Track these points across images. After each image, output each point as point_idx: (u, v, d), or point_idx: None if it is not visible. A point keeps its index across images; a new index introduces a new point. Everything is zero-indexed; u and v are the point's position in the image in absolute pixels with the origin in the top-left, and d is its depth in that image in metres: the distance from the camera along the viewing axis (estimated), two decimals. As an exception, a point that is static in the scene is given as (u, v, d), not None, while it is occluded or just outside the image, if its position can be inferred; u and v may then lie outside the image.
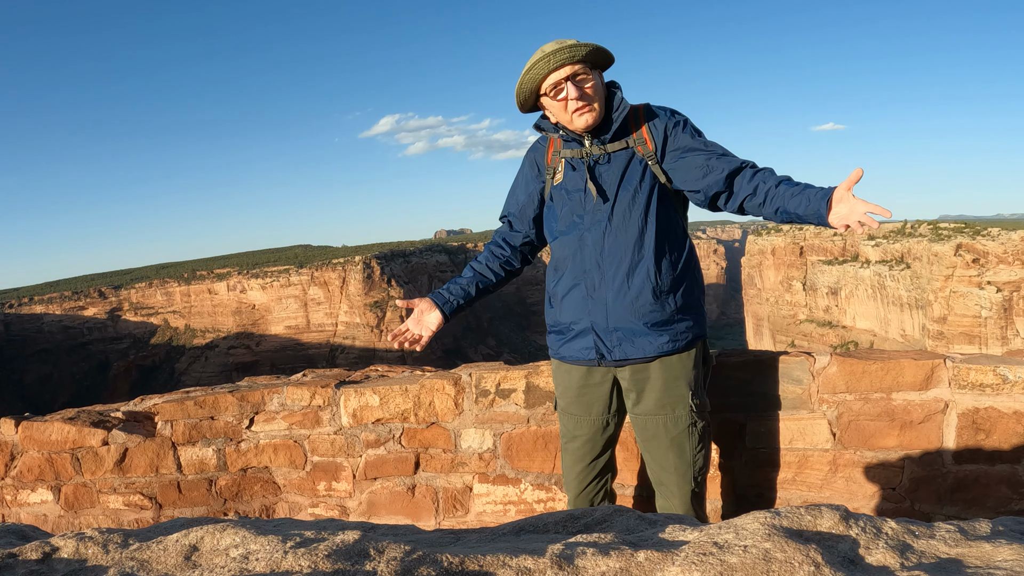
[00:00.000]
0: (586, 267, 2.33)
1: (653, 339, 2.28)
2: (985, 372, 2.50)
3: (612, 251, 2.29)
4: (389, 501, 3.21)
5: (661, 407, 2.32)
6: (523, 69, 2.27)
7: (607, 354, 2.33)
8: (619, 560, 1.08)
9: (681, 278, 2.32)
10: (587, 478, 2.49)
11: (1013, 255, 58.30)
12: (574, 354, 2.41)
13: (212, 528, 1.24)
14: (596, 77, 2.27)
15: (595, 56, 2.25)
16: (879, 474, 2.65)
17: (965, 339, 57.91)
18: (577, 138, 2.33)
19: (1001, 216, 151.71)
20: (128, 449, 3.37)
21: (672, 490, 2.39)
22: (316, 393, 3.25)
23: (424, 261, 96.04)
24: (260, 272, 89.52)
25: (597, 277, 2.31)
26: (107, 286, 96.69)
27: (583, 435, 2.45)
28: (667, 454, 2.35)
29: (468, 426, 3.08)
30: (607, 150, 2.32)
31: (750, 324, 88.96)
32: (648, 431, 2.36)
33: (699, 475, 2.38)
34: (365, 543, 1.16)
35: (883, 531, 1.16)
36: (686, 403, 2.32)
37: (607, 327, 2.31)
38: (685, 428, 2.32)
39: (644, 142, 2.32)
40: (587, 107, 2.25)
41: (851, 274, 73.59)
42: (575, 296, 2.37)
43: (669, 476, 2.38)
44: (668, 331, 2.29)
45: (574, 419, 2.46)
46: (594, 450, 2.46)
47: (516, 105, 2.36)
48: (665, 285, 2.29)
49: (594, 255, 2.31)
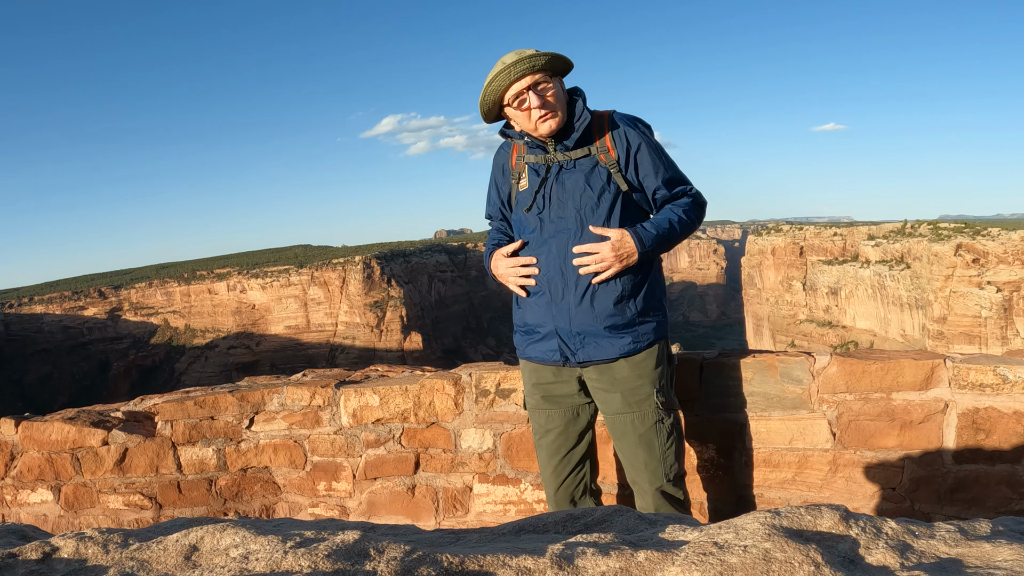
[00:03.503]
0: (550, 274, 2.39)
1: (615, 341, 2.35)
2: (985, 372, 2.49)
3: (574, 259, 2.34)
4: (389, 501, 3.21)
5: (627, 405, 2.38)
6: (485, 81, 2.32)
7: (571, 356, 2.40)
8: (619, 560, 1.08)
9: (642, 282, 2.38)
10: (564, 471, 2.51)
11: (1013, 255, 58.31)
12: (540, 355, 2.47)
13: (212, 528, 1.24)
14: (557, 84, 2.33)
15: (554, 64, 2.31)
16: (879, 474, 2.65)
17: (965, 339, 57.91)
18: (541, 144, 2.39)
19: (1001, 216, 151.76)
20: (128, 449, 3.37)
21: (644, 487, 2.43)
22: (316, 393, 3.25)
23: (424, 261, 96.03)
24: (260, 272, 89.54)
25: (560, 284, 2.38)
26: (107, 286, 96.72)
27: (556, 428, 2.50)
28: (636, 451, 2.41)
29: (468, 426, 3.08)
30: (570, 156, 2.37)
31: (750, 324, 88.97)
32: (617, 430, 2.43)
33: (670, 472, 2.41)
34: (365, 543, 1.16)
35: (883, 531, 1.16)
36: (651, 400, 2.37)
37: (570, 331, 2.38)
38: (652, 425, 2.37)
39: (607, 150, 2.37)
40: (550, 114, 2.30)
41: (851, 274, 73.60)
42: (540, 301, 2.43)
43: (640, 474, 2.43)
44: (630, 333, 2.35)
45: (544, 414, 2.51)
46: (568, 442, 2.49)
47: (480, 116, 2.41)
48: (627, 291, 2.34)
49: (557, 262, 2.37)
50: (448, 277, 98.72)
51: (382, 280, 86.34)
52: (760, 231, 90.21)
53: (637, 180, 2.39)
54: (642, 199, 2.43)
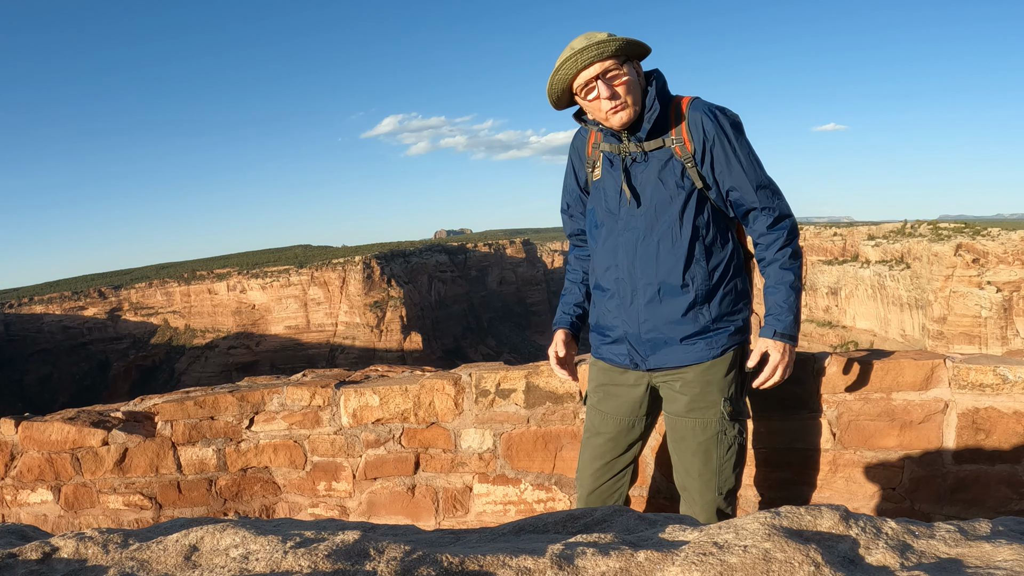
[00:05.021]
0: (620, 275, 2.28)
1: (687, 349, 2.23)
2: (985, 372, 2.49)
3: (645, 260, 2.23)
4: (389, 501, 3.21)
5: (691, 410, 2.26)
6: (553, 68, 2.18)
7: (641, 363, 2.31)
8: (619, 560, 1.08)
9: (717, 287, 2.24)
10: (603, 477, 2.42)
11: (1013, 255, 58.30)
12: (611, 356, 2.38)
13: (212, 528, 1.24)
14: (631, 71, 2.17)
15: (628, 50, 2.15)
16: (879, 474, 2.65)
17: (965, 339, 57.90)
18: (615, 132, 2.24)
19: (1001, 216, 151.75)
20: (128, 449, 3.37)
21: (694, 496, 2.31)
22: (316, 393, 3.25)
23: (424, 261, 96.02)
24: (260, 272, 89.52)
25: (630, 287, 2.27)
26: (107, 286, 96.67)
27: (607, 432, 2.40)
28: (693, 459, 2.28)
29: (468, 426, 3.08)
30: (644, 148, 2.23)
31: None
32: (677, 432, 2.32)
33: (724, 486, 2.28)
34: (365, 543, 1.16)
35: (883, 531, 1.16)
36: (717, 409, 2.24)
37: (640, 338, 2.28)
38: (713, 435, 2.25)
39: (683, 142, 2.21)
40: (620, 106, 2.15)
41: (851, 274, 73.58)
42: (610, 304, 2.34)
43: (693, 482, 2.30)
44: (703, 340, 2.23)
45: (601, 415, 2.42)
46: (616, 449, 2.40)
47: (550, 104, 2.27)
48: (700, 296, 2.21)
49: (628, 262, 2.26)
50: (448, 277, 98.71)
51: (382, 280, 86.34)
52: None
53: (712, 176, 2.21)
54: (718, 198, 2.25)
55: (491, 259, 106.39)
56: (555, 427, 2.97)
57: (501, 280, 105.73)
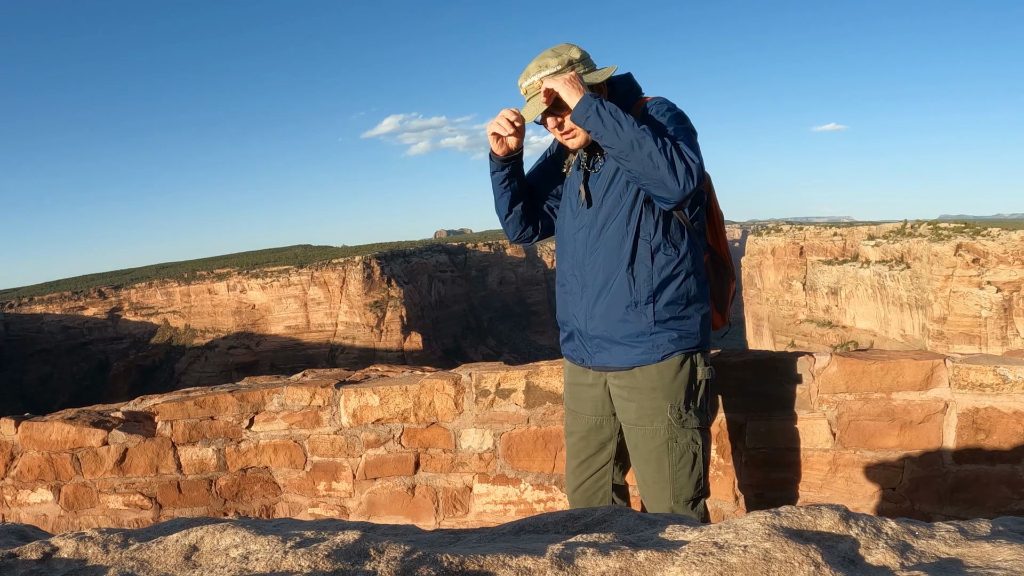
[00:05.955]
0: (574, 271, 2.35)
1: (628, 350, 2.24)
2: (985, 372, 2.49)
3: (593, 259, 2.29)
4: (389, 501, 3.21)
5: (640, 418, 2.26)
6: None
7: (587, 359, 2.35)
8: (619, 560, 1.08)
9: (662, 289, 2.22)
10: (582, 475, 2.47)
11: (1013, 255, 58.32)
12: (568, 353, 2.46)
13: (212, 528, 1.24)
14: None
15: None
16: (879, 474, 2.65)
17: (965, 339, 57.91)
18: None
19: (1001, 216, 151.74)
20: (128, 449, 3.37)
21: (651, 505, 2.32)
22: (316, 393, 3.25)
23: (424, 261, 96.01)
24: (260, 272, 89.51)
25: (579, 284, 2.33)
26: (107, 286, 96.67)
27: (579, 431, 2.46)
28: (646, 467, 2.29)
29: (468, 426, 3.08)
30: (601, 154, 2.30)
31: (750, 324, 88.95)
32: (630, 441, 2.34)
33: (680, 494, 2.26)
34: (365, 543, 1.16)
35: (883, 531, 1.16)
36: (663, 416, 2.23)
37: (587, 335, 2.32)
38: (663, 442, 2.24)
39: None
40: (570, 135, 2.24)
41: (851, 274, 73.60)
42: (567, 299, 2.40)
43: (648, 489, 2.32)
44: (644, 343, 2.22)
45: (572, 414, 2.49)
46: (588, 448, 2.44)
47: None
48: (642, 297, 2.21)
49: (579, 260, 2.32)
50: (448, 277, 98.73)
51: (382, 280, 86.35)
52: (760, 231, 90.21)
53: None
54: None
55: (491, 259, 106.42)
56: (555, 427, 2.97)
57: (501, 280, 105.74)
